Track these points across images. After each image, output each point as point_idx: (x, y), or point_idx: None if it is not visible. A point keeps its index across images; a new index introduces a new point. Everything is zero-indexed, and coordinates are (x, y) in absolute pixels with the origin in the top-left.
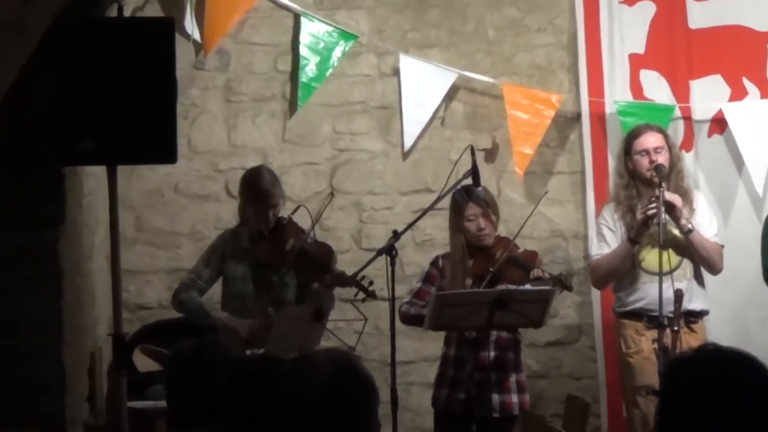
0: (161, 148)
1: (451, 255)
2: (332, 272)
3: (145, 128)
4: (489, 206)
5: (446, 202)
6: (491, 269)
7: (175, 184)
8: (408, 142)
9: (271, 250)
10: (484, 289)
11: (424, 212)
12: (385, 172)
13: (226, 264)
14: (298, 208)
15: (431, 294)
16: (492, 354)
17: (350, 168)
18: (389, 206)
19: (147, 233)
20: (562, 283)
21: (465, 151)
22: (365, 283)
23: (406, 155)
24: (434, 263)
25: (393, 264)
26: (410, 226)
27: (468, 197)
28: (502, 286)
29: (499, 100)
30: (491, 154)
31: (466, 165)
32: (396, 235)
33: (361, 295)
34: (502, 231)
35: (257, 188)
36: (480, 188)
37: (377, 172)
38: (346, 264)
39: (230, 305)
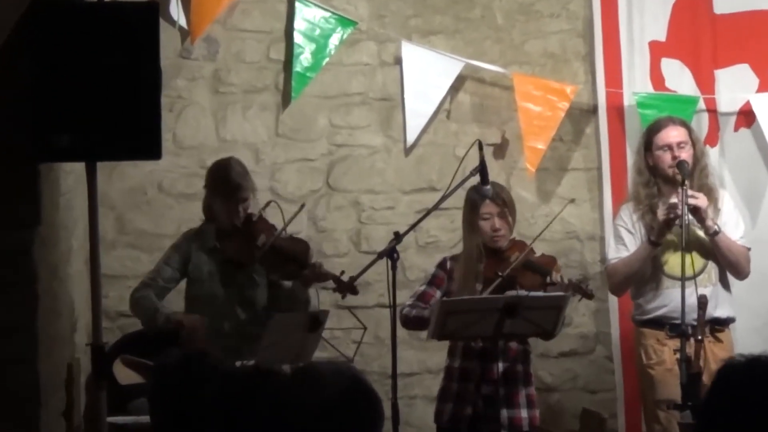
0: (144, 143)
1: (462, 256)
2: (308, 267)
3: (127, 122)
4: (506, 205)
5: (451, 202)
6: (500, 273)
7: (159, 182)
8: (411, 137)
9: (240, 246)
10: (492, 295)
11: (428, 212)
12: (386, 169)
13: (191, 264)
14: (268, 203)
15: (435, 300)
16: (500, 366)
17: (348, 164)
18: (390, 206)
19: (129, 235)
20: (581, 289)
21: (472, 147)
22: (344, 278)
23: (408, 151)
24: (441, 265)
25: (394, 268)
26: (413, 227)
27: (484, 194)
28: (513, 292)
29: (509, 92)
30: (501, 150)
31: (473, 161)
32: (397, 237)
33: (346, 296)
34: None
35: (226, 180)
36: (488, 187)
37: (377, 169)
38: (343, 268)
39: (196, 308)
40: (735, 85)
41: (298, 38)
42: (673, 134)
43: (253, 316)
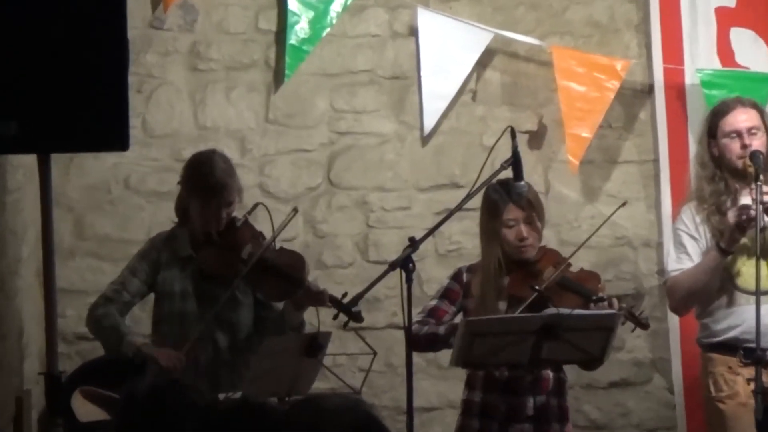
0: (108, 131)
1: (480, 268)
2: (302, 286)
3: (87, 106)
4: (534, 209)
5: (478, 202)
6: (537, 288)
7: (125, 177)
8: (429, 123)
9: (220, 258)
10: (528, 314)
11: (450, 214)
12: (399, 161)
13: (159, 275)
14: (255, 206)
15: (449, 317)
16: (531, 400)
17: (353, 156)
18: (404, 206)
19: (90, 241)
20: (634, 318)
21: (503, 135)
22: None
23: (426, 140)
24: (456, 277)
25: (409, 281)
26: (431, 232)
27: (507, 196)
28: (553, 310)
29: (548, 68)
30: (537, 138)
31: (504, 152)
32: (413, 243)
33: (342, 318)
34: (551, 238)
35: (207, 178)
36: (522, 183)
37: (388, 162)
38: (347, 281)
39: (164, 329)
40: None
41: (292, 4)
42: (742, 118)
43: (234, 341)
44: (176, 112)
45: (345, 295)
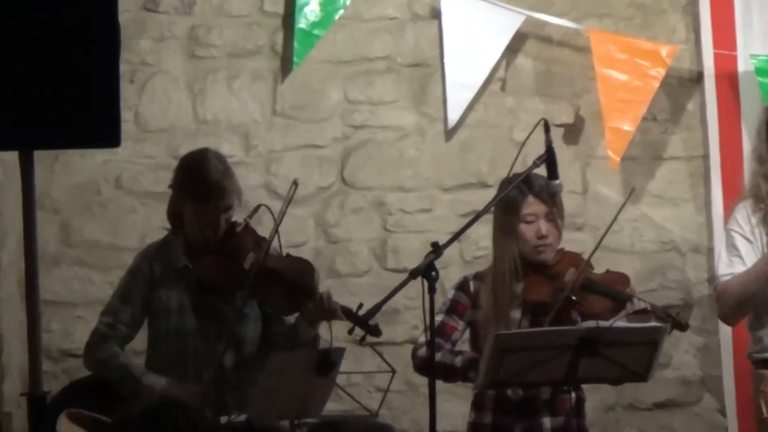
0: (97, 125)
1: (489, 274)
2: (314, 297)
3: (74, 97)
4: (555, 204)
5: None
6: (563, 292)
7: (116, 176)
8: (453, 115)
9: (220, 268)
10: (565, 327)
11: (477, 217)
12: (420, 158)
13: (154, 293)
14: (257, 208)
15: (458, 334)
16: (548, 421)
17: (369, 153)
18: (426, 208)
19: (77, 248)
20: (672, 319)
21: (536, 128)
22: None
23: (450, 134)
24: (462, 287)
25: (432, 291)
26: (456, 236)
27: (527, 188)
28: (591, 323)
29: (585, 54)
30: (573, 132)
31: (537, 148)
32: (436, 249)
33: (358, 333)
34: (587, 243)
35: (202, 181)
36: (558, 182)
37: (408, 159)
38: (363, 291)
39: (161, 349)
40: None
41: None
42: None
43: (239, 359)
44: (173, 104)
45: (360, 306)
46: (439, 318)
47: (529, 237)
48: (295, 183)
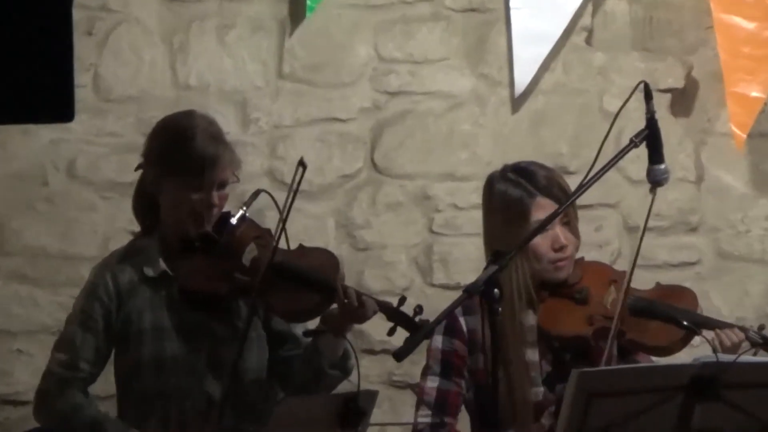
0: (42, 93)
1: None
2: (338, 292)
3: (13, 57)
4: (571, 204)
5: (597, 193)
6: (610, 318)
7: (69, 162)
8: (522, 78)
9: (211, 269)
10: (675, 363)
11: (556, 213)
12: (478, 135)
13: (121, 313)
14: (257, 193)
15: (466, 397)
16: None
17: (409, 128)
18: None
19: (15, 257)
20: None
21: (633, 94)
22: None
23: (518, 103)
24: (451, 331)
25: (494, 315)
26: (527, 240)
27: (533, 185)
28: (710, 357)
29: None
30: (684, 100)
31: (635, 121)
32: (498, 257)
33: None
34: (703, 248)
35: (191, 147)
36: (663, 167)
37: (462, 136)
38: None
39: (134, 386)
40: None
41: None
42: None
43: (237, 395)
44: (144, 63)
45: (403, 301)
46: (432, 385)
47: (544, 250)
48: (302, 164)
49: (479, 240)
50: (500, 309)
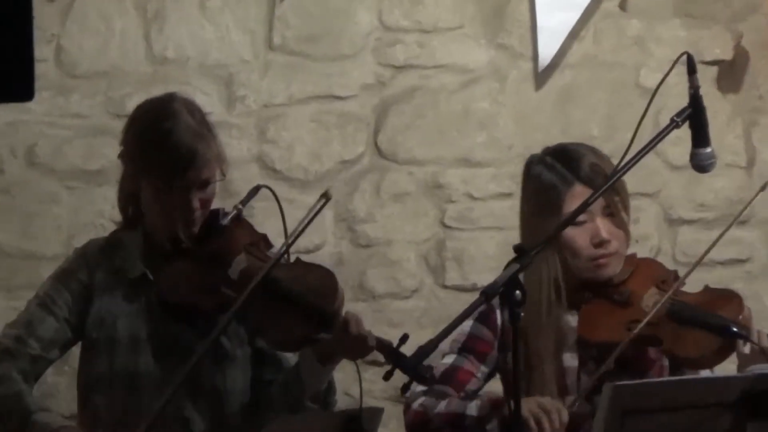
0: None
1: (527, 298)
2: (334, 324)
3: None
4: (616, 191)
5: (635, 181)
6: (638, 324)
7: (28, 147)
8: (547, 50)
9: (194, 278)
10: (721, 375)
11: (585, 205)
12: (497, 115)
13: (92, 311)
14: (255, 190)
15: (475, 382)
16: None
17: (418, 107)
18: (505, 192)
19: None
20: None
21: (674, 67)
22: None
23: (542, 77)
24: (484, 318)
25: (515, 320)
26: (554, 234)
27: (572, 172)
28: (761, 368)
29: None
30: (733, 74)
31: (676, 98)
32: (521, 254)
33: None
34: (755, 242)
35: (165, 147)
36: (709, 151)
37: (479, 116)
38: (410, 320)
39: (98, 401)
40: None
41: None
42: None
43: (218, 421)
44: (115, 34)
45: (405, 339)
46: (448, 360)
47: (582, 245)
48: (327, 196)
49: (498, 234)
50: (522, 314)
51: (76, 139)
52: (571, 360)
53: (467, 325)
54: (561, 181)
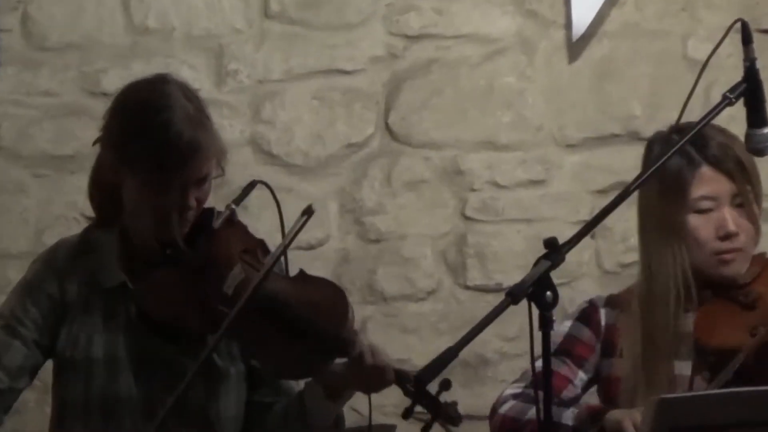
0: None
1: (638, 298)
2: (346, 352)
3: None
4: (748, 179)
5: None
6: (760, 330)
7: None
8: (582, 18)
9: (182, 291)
10: None
11: (624, 194)
12: (525, 91)
13: (64, 326)
14: (251, 186)
15: (571, 389)
16: None
17: (434, 83)
18: (535, 179)
19: None
20: None
21: (727, 35)
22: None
23: (576, 49)
24: (585, 316)
25: (547, 324)
26: (589, 229)
27: (698, 151)
28: None
29: None
30: None
31: (729, 72)
32: (553, 249)
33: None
34: None
35: (159, 140)
36: (765, 131)
37: (504, 93)
38: (426, 326)
39: (73, 426)
40: None
41: None
42: None
43: None
44: (90, 0)
45: (447, 385)
46: (541, 363)
47: (706, 236)
48: (309, 212)
49: (527, 228)
50: (554, 318)
51: (45, 121)
52: (683, 367)
53: (565, 325)
54: (687, 162)
